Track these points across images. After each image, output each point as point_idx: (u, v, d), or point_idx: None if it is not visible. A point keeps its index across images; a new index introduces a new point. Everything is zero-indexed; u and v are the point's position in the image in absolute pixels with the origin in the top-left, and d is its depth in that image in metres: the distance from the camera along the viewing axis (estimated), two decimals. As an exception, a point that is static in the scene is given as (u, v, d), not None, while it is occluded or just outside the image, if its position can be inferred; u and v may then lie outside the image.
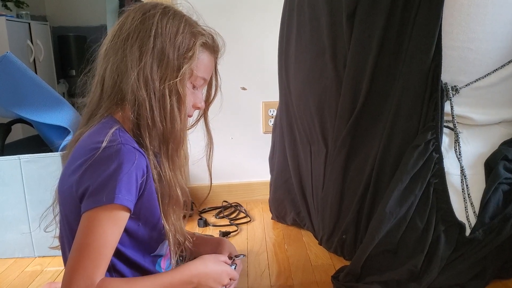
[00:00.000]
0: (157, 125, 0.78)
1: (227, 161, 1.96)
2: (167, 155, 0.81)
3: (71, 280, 0.68)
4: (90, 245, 0.69)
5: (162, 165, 0.80)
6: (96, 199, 0.70)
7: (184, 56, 0.80)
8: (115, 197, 0.69)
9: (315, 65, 1.34)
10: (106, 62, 0.81)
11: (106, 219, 0.70)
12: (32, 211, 1.45)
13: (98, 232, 0.70)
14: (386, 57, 1.16)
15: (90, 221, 0.70)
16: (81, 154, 0.75)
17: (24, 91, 1.46)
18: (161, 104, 0.78)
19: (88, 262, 0.69)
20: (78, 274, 0.68)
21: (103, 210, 0.70)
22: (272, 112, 1.91)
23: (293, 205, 1.61)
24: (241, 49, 1.84)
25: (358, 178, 1.23)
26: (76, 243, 0.70)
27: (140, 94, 0.77)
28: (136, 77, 0.76)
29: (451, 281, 1.14)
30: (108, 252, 0.72)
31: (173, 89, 0.79)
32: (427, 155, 1.12)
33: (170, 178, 0.81)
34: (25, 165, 1.42)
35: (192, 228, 1.69)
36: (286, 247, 1.50)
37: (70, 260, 0.70)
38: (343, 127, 1.24)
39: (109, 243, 0.72)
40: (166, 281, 0.80)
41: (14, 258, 1.49)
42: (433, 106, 1.13)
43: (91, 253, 0.69)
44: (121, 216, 0.73)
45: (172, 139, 0.80)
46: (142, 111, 0.77)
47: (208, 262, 0.88)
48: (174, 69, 0.79)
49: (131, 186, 0.72)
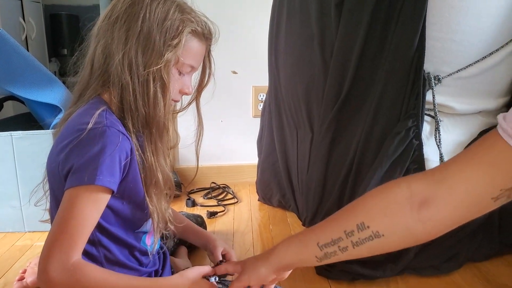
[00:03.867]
0: (139, 109, 0.78)
1: (217, 143, 1.99)
2: (150, 139, 0.82)
3: (48, 252, 0.69)
4: (68, 221, 0.71)
5: (145, 150, 0.81)
6: (78, 178, 0.71)
7: (169, 43, 0.79)
8: (96, 178, 0.71)
9: (303, 52, 1.37)
10: (96, 42, 0.82)
11: (86, 199, 0.72)
12: (23, 187, 1.48)
13: (77, 210, 0.71)
14: (372, 46, 1.19)
15: (70, 199, 0.72)
16: (68, 134, 0.76)
17: (16, 68, 1.47)
18: (144, 89, 0.78)
19: (65, 237, 0.70)
20: (55, 247, 0.69)
21: (84, 190, 0.72)
22: (262, 96, 1.94)
23: (279, 187, 1.65)
24: (233, 33, 1.86)
25: (341, 162, 1.27)
26: (57, 217, 0.72)
27: (124, 77, 0.77)
28: (120, 60, 0.77)
29: (426, 263, 1.20)
30: (86, 230, 0.73)
31: (156, 76, 0.78)
32: (408, 142, 1.16)
33: (152, 163, 0.82)
34: (17, 142, 1.45)
35: (180, 208, 1.72)
36: (271, 227, 1.54)
37: (50, 233, 0.71)
38: (329, 113, 1.27)
39: (87, 222, 0.73)
40: (143, 285, 0.80)
41: (5, 232, 1.52)
42: (415, 94, 1.16)
43: (69, 229, 0.71)
44: (101, 197, 0.74)
45: (154, 125, 0.80)
46: (126, 94, 0.78)
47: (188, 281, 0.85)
48: (159, 55, 0.78)
49: (113, 168, 0.74)
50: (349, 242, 0.68)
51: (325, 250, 0.71)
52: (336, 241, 0.69)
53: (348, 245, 0.68)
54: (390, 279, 1.19)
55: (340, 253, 0.70)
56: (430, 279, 1.19)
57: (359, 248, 0.68)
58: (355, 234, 0.67)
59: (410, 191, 0.64)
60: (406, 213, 0.64)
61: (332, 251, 0.70)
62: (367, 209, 0.68)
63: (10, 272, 1.26)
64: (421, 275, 1.20)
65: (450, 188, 0.61)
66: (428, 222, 0.63)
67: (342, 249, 0.69)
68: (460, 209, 0.62)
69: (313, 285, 1.18)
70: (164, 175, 0.84)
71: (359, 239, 0.67)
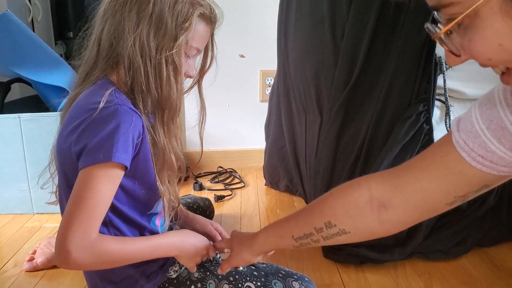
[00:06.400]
0: (152, 91, 0.79)
1: (223, 127, 1.99)
2: (162, 121, 0.82)
3: (68, 231, 0.70)
4: (87, 200, 0.71)
5: (156, 131, 0.81)
6: (94, 157, 0.71)
7: (181, 26, 0.79)
8: (112, 155, 0.71)
9: (313, 35, 1.36)
10: (103, 22, 0.81)
11: (102, 176, 0.72)
12: (31, 169, 1.48)
13: (94, 188, 0.72)
14: (383, 29, 1.18)
15: (87, 177, 0.72)
16: (78, 114, 0.76)
17: (24, 50, 1.46)
18: (157, 71, 0.79)
19: (84, 216, 0.71)
20: (74, 226, 0.70)
21: (100, 167, 0.72)
22: (270, 80, 1.93)
23: (286, 172, 1.65)
24: (240, 16, 1.84)
25: (350, 147, 1.26)
26: (73, 197, 0.72)
27: (136, 60, 0.77)
28: (132, 43, 0.77)
29: (434, 247, 1.20)
30: (104, 208, 0.74)
31: (169, 59, 0.79)
32: (418, 127, 1.15)
33: (165, 144, 0.82)
34: (25, 124, 1.45)
35: (188, 191, 1.73)
36: (278, 211, 1.55)
37: (67, 213, 0.71)
38: (339, 97, 1.27)
39: (105, 199, 0.74)
40: (154, 243, 0.83)
41: (13, 214, 1.53)
42: (426, 79, 1.15)
43: (88, 207, 0.71)
44: (117, 174, 0.75)
45: (168, 107, 0.81)
46: (137, 76, 0.78)
47: (190, 233, 0.93)
48: (171, 38, 0.78)
49: (127, 145, 0.74)
50: (320, 236, 0.75)
51: (300, 241, 0.78)
52: (308, 235, 0.76)
53: (319, 238, 0.75)
54: (398, 263, 1.19)
55: (314, 244, 0.77)
56: (438, 263, 1.19)
57: (330, 241, 0.75)
58: (324, 230, 0.74)
59: (370, 194, 0.70)
60: (367, 215, 0.70)
61: (306, 242, 0.77)
62: (332, 210, 0.74)
63: (20, 252, 1.27)
64: (428, 259, 1.20)
65: (406, 195, 0.66)
66: (386, 223, 0.69)
67: (314, 241, 0.76)
68: (416, 213, 0.68)
69: (320, 268, 1.19)
70: (176, 156, 0.85)
71: (328, 234, 0.74)
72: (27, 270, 1.18)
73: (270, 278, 0.92)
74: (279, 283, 0.91)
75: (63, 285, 1.12)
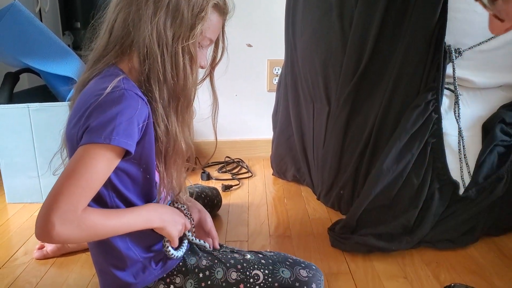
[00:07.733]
0: (168, 80, 0.80)
1: (231, 117, 1.99)
2: (177, 110, 0.83)
3: (55, 203, 0.68)
4: (81, 174, 0.71)
5: (169, 119, 0.82)
6: (95, 136, 0.72)
7: (197, 16, 0.80)
8: (113, 138, 0.71)
9: (321, 24, 1.35)
10: (118, 10, 0.81)
11: (100, 156, 0.72)
12: (40, 158, 1.49)
13: (90, 165, 0.72)
14: (392, 17, 1.17)
15: (84, 154, 0.72)
16: (86, 100, 0.76)
17: (32, 40, 1.47)
18: (174, 61, 0.80)
19: (75, 190, 0.70)
20: (63, 199, 0.69)
21: (99, 147, 0.72)
22: (277, 70, 1.92)
23: (293, 161, 1.65)
24: (248, 5, 1.83)
25: (358, 136, 1.26)
26: (66, 171, 0.72)
27: (153, 49, 0.78)
28: (150, 32, 0.77)
29: (442, 236, 1.20)
30: (95, 185, 0.73)
31: (186, 48, 0.80)
32: (427, 115, 1.15)
33: (177, 133, 0.83)
34: (33, 113, 1.46)
35: (195, 181, 1.74)
36: (285, 201, 1.55)
37: (56, 185, 0.70)
38: (347, 86, 1.26)
39: (98, 178, 0.73)
40: (136, 213, 0.82)
41: (23, 203, 1.54)
42: (435, 67, 1.15)
43: (80, 182, 0.70)
44: (114, 157, 0.75)
45: (183, 96, 0.82)
46: (154, 65, 0.79)
47: (166, 205, 0.93)
48: (187, 28, 0.80)
49: (131, 130, 0.74)
50: None
51: None
52: None
53: None
54: (406, 252, 1.19)
55: None
56: (446, 252, 1.19)
57: None
58: None
59: None
60: None
61: None
62: None
63: (30, 241, 1.29)
64: (436, 248, 1.20)
65: None
66: None
67: None
68: None
69: (328, 257, 1.19)
70: (187, 145, 0.86)
71: None
72: (37, 258, 1.20)
73: (277, 266, 0.92)
74: (287, 271, 0.91)
75: (73, 272, 1.14)
